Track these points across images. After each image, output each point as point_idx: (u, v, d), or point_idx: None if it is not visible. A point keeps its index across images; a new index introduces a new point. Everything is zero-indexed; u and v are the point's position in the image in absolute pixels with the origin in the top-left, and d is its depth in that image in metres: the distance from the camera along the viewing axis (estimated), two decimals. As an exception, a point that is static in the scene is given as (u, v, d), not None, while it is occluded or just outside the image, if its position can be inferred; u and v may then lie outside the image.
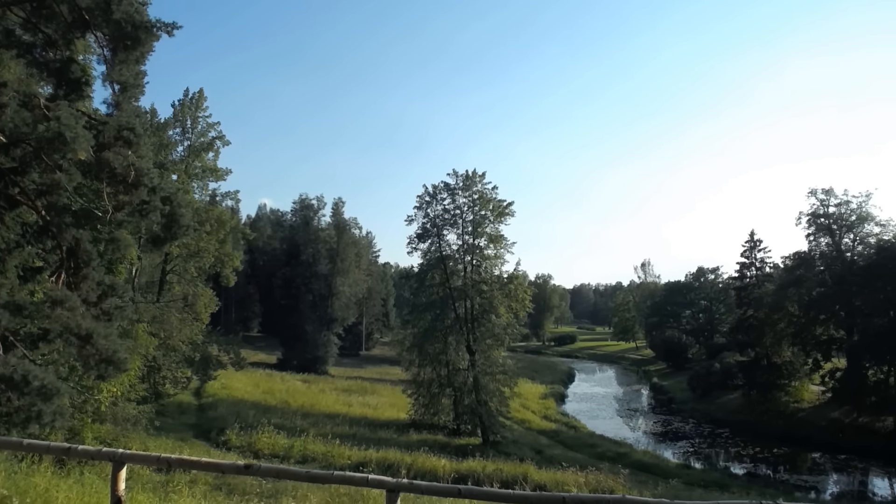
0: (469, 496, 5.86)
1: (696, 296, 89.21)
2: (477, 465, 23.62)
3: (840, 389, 44.82)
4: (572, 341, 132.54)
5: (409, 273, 44.01)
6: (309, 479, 5.53)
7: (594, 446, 35.51)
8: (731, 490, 25.21)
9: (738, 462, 37.95)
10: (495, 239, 37.66)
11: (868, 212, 47.63)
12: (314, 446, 25.07)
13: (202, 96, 34.54)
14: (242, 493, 10.27)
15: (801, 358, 49.20)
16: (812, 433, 41.89)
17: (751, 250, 56.77)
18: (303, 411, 34.64)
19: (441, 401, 36.23)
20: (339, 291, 64.83)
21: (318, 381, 49.76)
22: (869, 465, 35.34)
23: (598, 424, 46.56)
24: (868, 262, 45.22)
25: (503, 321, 36.89)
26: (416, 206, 38.84)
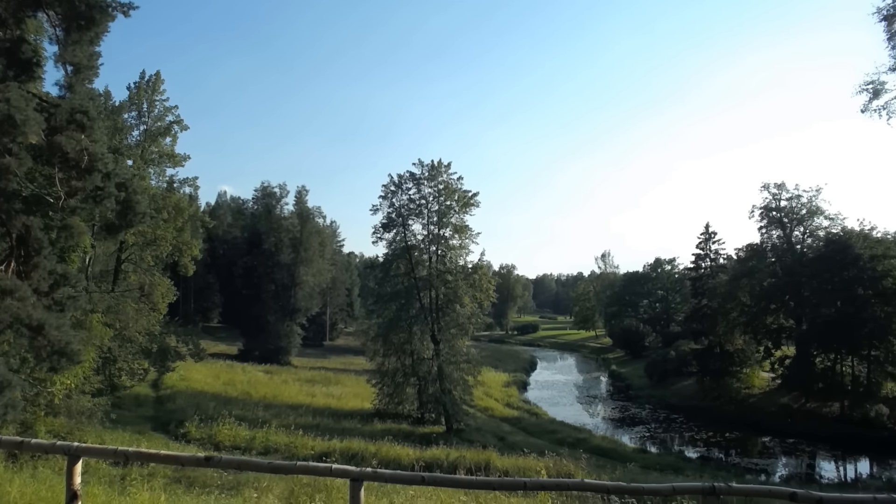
0: (433, 483, 5.96)
1: (654, 286, 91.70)
2: (441, 453, 23.83)
3: (789, 376, 46.94)
4: (535, 330, 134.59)
5: (375, 263, 43.81)
6: (271, 470, 5.52)
7: (555, 432, 36.26)
8: (686, 473, 26.18)
9: (692, 446, 39.38)
10: (460, 229, 37.81)
11: (818, 206, 49.69)
12: (277, 437, 24.84)
13: (159, 79, 33.42)
14: (203, 485, 10.13)
15: (753, 346, 51.27)
16: (762, 418, 43.74)
17: (706, 242, 58.56)
18: (265, 402, 34.24)
19: (405, 390, 36.36)
20: (302, 281, 64.02)
21: (281, 372, 49.21)
22: (816, 449, 37.11)
23: (558, 411, 47.54)
24: (817, 255, 47.24)
25: (467, 311, 37.18)
26: (381, 195, 38.68)
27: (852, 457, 35.73)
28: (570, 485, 4.79)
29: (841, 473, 33.74)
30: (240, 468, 7.52)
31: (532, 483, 4.59)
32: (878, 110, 14.01)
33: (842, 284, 44.11)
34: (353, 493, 4.62)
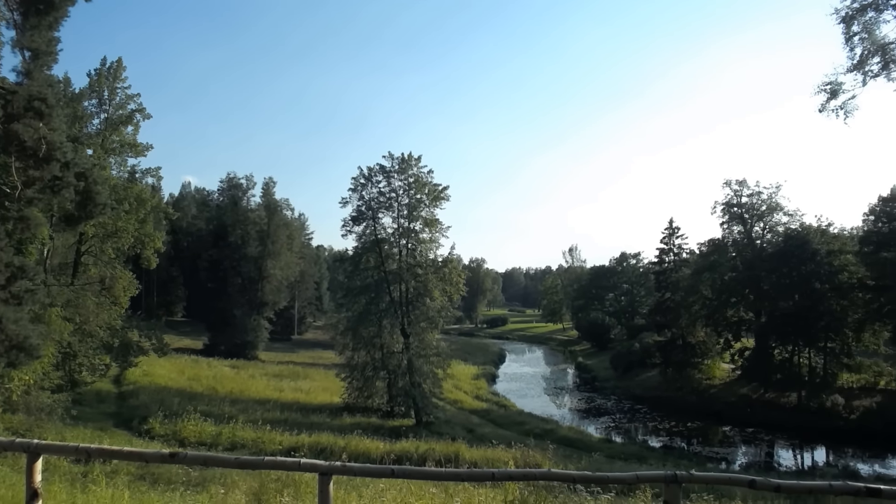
0: (402, 476, 6.00)
1: (619, 279, 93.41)
2: (410, 446, 23.90)
3: (749, 367, 48.54)
4: (504, 323, 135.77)
5: (344, 256, 43.43)
6: (238, 465, 5.48)
7: (523, 424, 36.73)
8: (649, 462, 26.86)
9: (656, 435, 40.40)
10: (430, 223, 37.79)
11: (777, 202, 51.35)
12: (243, 433, 24.54)
13: (121, 66, 32.37)
14: (168, 482, 9.97)
15: (714, 338, 52.85)
16: (723, 408, 45.12)
17: (669, 237, 59.91)
18: (231, 398, 33.75)
19: (375, 384, 36.29)
20: (269, 274, 63.09)
21: (248, 367, 48.51)
22: (775, 438, 38.49)
23: (526, 403, 48.15)
24: (776, 250, 48.84)
25: (437, 304, 37.23)
26: (351, 188, 38.35)
27: (809, 445, 37.14)
28: (538, 475, 4.89)
29: (798, 461, 35.06)
30: (206, 464, 7.42)
31: (500, 473, 4.69)
32: (836, 110, 14.43)
33: (799, 279, 45.71)
34: (322, 488, 4.63)
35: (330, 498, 4.63)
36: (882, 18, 13.42)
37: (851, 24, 13.69)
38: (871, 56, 13.65)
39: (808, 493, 10.20)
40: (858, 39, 13.71)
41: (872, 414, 38.64)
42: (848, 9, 13.67)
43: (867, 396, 41.21)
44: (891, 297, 40.75)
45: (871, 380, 43.90)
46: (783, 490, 4.63)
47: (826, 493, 4.82)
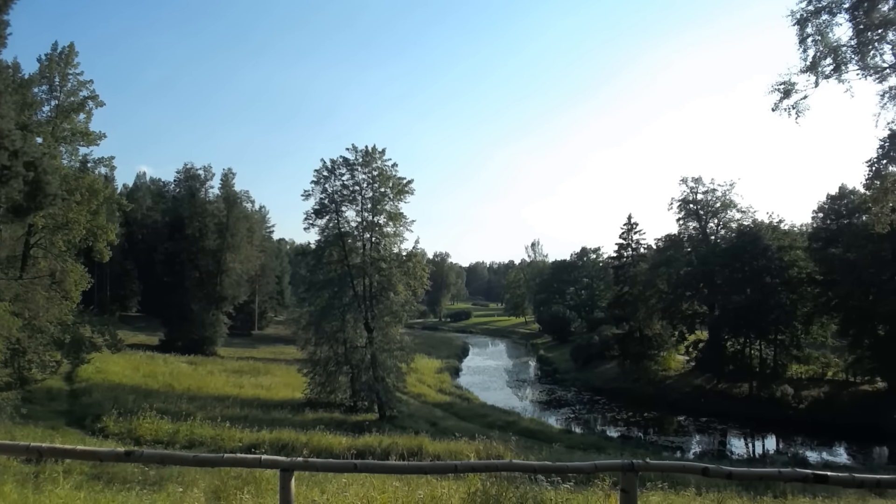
0: (365, 470, 6.00)
1: (580, 274, 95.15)
2: (374, 441, 23.86)
3: (702, 359, 50.22)
4: (467, 317, 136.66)
5: (306, 250, 42.93)
6: (197, 463, 5.37)
7: (485, 416, 37.11)
8: (607, 451, 27.53)
9: (614, 426, 41.43)
10: (395, 216, 37.60)
11: (731, 199, 53.17)
12: (202, 430, 24.01)
13: (73, 51, 30.93)
14: (123, 481, 9.69)
15: (669, 330, 54.48)
16: (678, 398, 46.57)
17: (628, 232, 61.27)
18: (189, 394, 32.98)
19: (338, 379, 36.01)
20: (228, 268, 61.67)
21: (206, 363, 47.44)
22: (727, 427, 39.94)
23: (489, 395, 48.67)
24: (729, 245, 50.59)
25: (401, 298, 37.13)
26: (313, 180, 37.75)
27: (760, 434, 38.68)
28: (499, 465, 4.97)
29: (750, 449, 36.48)
30: (163, 462, 7.26)
31: (463, 465, 4.75)
32: (788, 109, 14.85)
33: (751, 273, 47.46)
34: (284, 484, 4.60)
35: (291, 494, 4.60)
36: (835, 21, 13.93)
37: (806, 26, 14.11)
38: (823, 58, 14.12)
39: (758, 480, 10.67)
40: (812, 41, 14.17)
41: (820, 404, 40.48)
42: (803, 11, 14.09)
43: (815, 387, 43.16)
44: (838, 291, 42.70)
45: (818, 371, 46.01)
46: (735, 477, 4.84)
47: (776, 479, 5.07)
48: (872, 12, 13.07)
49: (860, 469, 27.38)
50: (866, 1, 13.08)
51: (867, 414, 36.93)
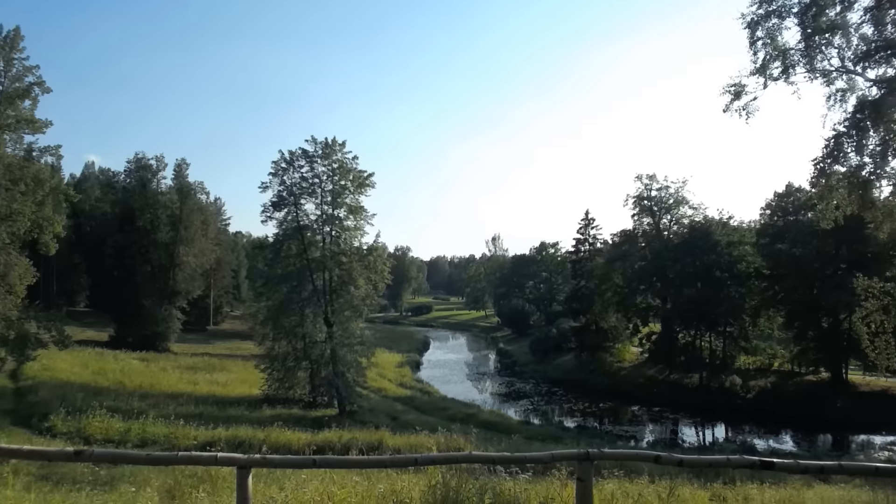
0: (324, 466, 5.96)
1: (539, 268, 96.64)
2: (333, 436, 23.67)
3: (655, 351, 51.85)
4: (428, 311, 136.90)
5: (264, 243, 41.99)
6: (150, 462, 5.22)
7: (446, 409, 37.31)
8: (564, 441, 28.10)
9: (571, 416, 42.34)
10: (355, 210, 37.20)
11: (683, 196, 54.86)
12: (155, 428, 23.33)
13: (18, 35, 29.44)
14: (73, 482, 9.33)
15: (624, 323, 56.05)
16: (632, 389, 47.92)
17: (585, 227, 62.54)
18: (141, 392, 31.98)
19: (297, 374, 35.55)
20: (182, 262, 59.84)
21: (159, 360, 46.05)
22: (679, 416, 41.32)
23: (450, 389, 48.97)
24: (681, 240, 52.27)
25: (362, 293, 36.84)
26: (271, 172, 36.94)
27: (710, 423, 40.16)
28: (459, 458, 5.02)
29: (700, 438, 37.86)
30: (114, 462, 7.04)
31: (423, 458, 4.77)
32: (739, 111, 15.34)
33: (702, 268, 49.17)
34: (241, 481, 4.53)
35: (249, 492, 4.54)
36: (784, 25, 14.45)
37: (756, 29, 14.59)
38: (772, 61, 14.63)
39: (708, 467, 11.06)
40: (762, 44, 14.67)
41: (767, 393, 42.31)
42: (754, 14, 14.55)
43: (762, 377, 45.10)
44: (784, 285, 44.70)
45: (765, 362, 48.11)
46: (686, 464, 5.02)
47: (725, 466, 5.28)
48: (820, 17, 13.64)
49: (805, 456, 28.82)
50: (814, 6, 13.64)
51: (811, 403, 38.84)
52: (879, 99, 13.07)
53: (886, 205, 14.60)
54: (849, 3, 13.49)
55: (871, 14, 13.04)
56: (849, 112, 13.67)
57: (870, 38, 13.30)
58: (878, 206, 14.46)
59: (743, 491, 9.26)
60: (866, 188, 13.74)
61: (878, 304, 15.72)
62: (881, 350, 15.81)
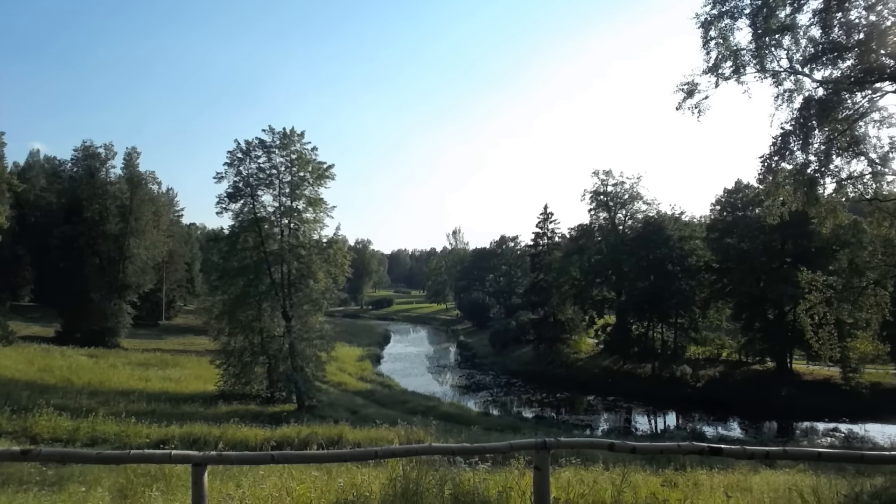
0: (283, 461, 5.91)
1: (499, 261, 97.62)
2: (292, 431, 23.37)
3: (610, 342, 53.21)
4: (389, 304, 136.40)
5: (219, 235, 40.91)
6: (101, 460, 5.04)
7: (406, 402, 37.39)
8: (523, 431, 28.53)
9: (529, 407, 43.04)
10: (314, 202, 36.65)
11: (638, 192, 56.29)
12: (105, 427, 22.53)
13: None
14: (19, 482, 8.92)
15: (581, 315, 57.34)
16: (588, 379, 49.04)
17: (544, 222, 63.45)
18: (90, 389, 30.81)
19: (254, 369, 34.91)
20: (132, 254, 57.74)
21: (109, 356, 44.43)
22: (632, 405, 42.54)
23: (410, 382, 49.04)
24: (636, 235, 53.67)
25: (321, 286, 36.38)
26: (227, 162, 36.01)
27: (662, 411, 41.51)
28: (419, 450, 5.05)
29: (652, 425, 39.09)
30: (63, 461, 6.79)
31: (383, 451, 4.77)
32: (691, 109, 15.73)
33: (655, 261, 50.64)
34: (196, 479, 4.44)
35: (205, 489, 4.45)
36: (736, 26, 14.88)
37: (709, 29, 14.98)
38: (724, 60, 15.05)
39: (660, 454, 11.43)
40: (714, 44, 15.08)
41: (716, 382, 43.97)
42: (707, 14, 14.93)
43: (711, 367, 46.81)
44: (732, 278, 46.49)
45: (714, 352, 49.97)
46: (638, 451, 5.18)
47: (675, 452, 5.48)
48: (771, 19, 14.11)
49: (752, 442, 30.15)
50: (765, 7, 14.10)
51: (758, 391, 40.59)
52: (825, 99, 13.62)
53: (830, 202, 15.22)
54: (798, 5, 13.95)
55: (820, 17, 13.50)
56: (796, 111, 14.20)
57: (817, 41, 13.80)
58: (821, 202, 15.06)
59: (693, 476, 9.63)
60: (811, 185, 14.32)
61: (821, 296, 16.42)
62: (824, 341, 16.53)
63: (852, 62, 13.35)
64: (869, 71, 12.95)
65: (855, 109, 13.85)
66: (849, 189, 15.10)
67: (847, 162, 14.74)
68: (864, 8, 12.99)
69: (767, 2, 14.09)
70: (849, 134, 14.02)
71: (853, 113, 13.86)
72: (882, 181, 15.05)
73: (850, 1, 13.01)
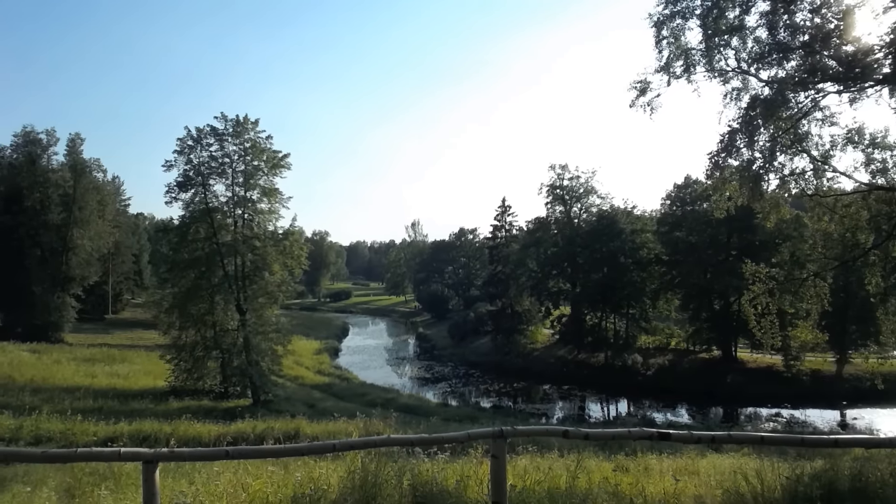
0: (238, 457, 5.79)
1: (458, 253, 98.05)
2: (247, 427, 22.97)
3: (565, 332, 54.41)
4: (347, 297, 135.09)
5: (168, 226, 39.56)
6: (46, 459, 4.85)
7: (365, 395, 37.26)
8: (480, 421, 28.88)
9: (487, 397, 43.60)
10: (269, 192, 35.83)
11: (593, 186, 57.47)
12: (50, 425, 21.66)
13: None
14: (-42, 484, 8.53)
15: (537, 306, 58.37)
16: (544, 369, 50.01)
17: (502, 215, 64.05)
18: (33, 386, 29.55)
19: (206, 364, 34.05)
20: (76, 245, 55.26)
21: (52, 351, 42.58)
22: (586, 393, 43.65)
23: (369, 374, 48.86)
24: (590, 228, 54.88)
25: (277, 278, 35.70)
26: (176, 150, 34.77)
27: (614, 398, 42.75)
28: (378, 441, 5.05)
29: (605, 413, 40.21)
30: (6, 460, 6.50)
31: (341, 444, 4.76)
32: (644, 106, 16.04)
33: (608, 254, 51.94)
34: (147, 477, 4.33)
35: (156, 487, 4.35)
36: (688, 26, 15.25)
37: (662, 28, 15.29)
38: (675, 59, 15.41)
39: (612, 440, 11.78)
40: (666, 43, 15.40)
41: (665, 370, 45.54)
42: (660, 14, 15.23)
43: (661, 355, 48.44)
44: (681, 270, 48.16)
45: (663, 341, 51.69)
46: (591, 438, 5.34)
47: (626, 438, 5.66)
48: (720, 19, 14.54)
49: (699, 427, 31.34)
50: (715, 8, 14.51)
51: (705, 379, 42.26)
52: (770, 98, 14.12)
53: (773, 197, 15.84)
54: (747, 7, 14.39)
55: (767, 18, 13.96)
56: (742, 110, 14.66)
57: (764, 41, 14.29)
58: (766, 198, 15.67)
59: (643, 461, 9.98)
60: (756, 181, 14.87)
61: (764, 287, 17.11)
62: (766, 330, 17.24)
63: (797, 63, 13.88)
64: (813, 72, 13.49)
65: (799, 109, 14.39)
66: (791, 185, 15.72)
67: (790, 159, 15.33)
68: (809, 10, 13.50)
69: (718, 3, 14.49)
70: (792, 132, 14.59)
71: (797, 112, 14.41)
72: (823, 178, 15.74)
73: (796, 3, 13.50)
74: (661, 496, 5.56)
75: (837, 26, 13.00)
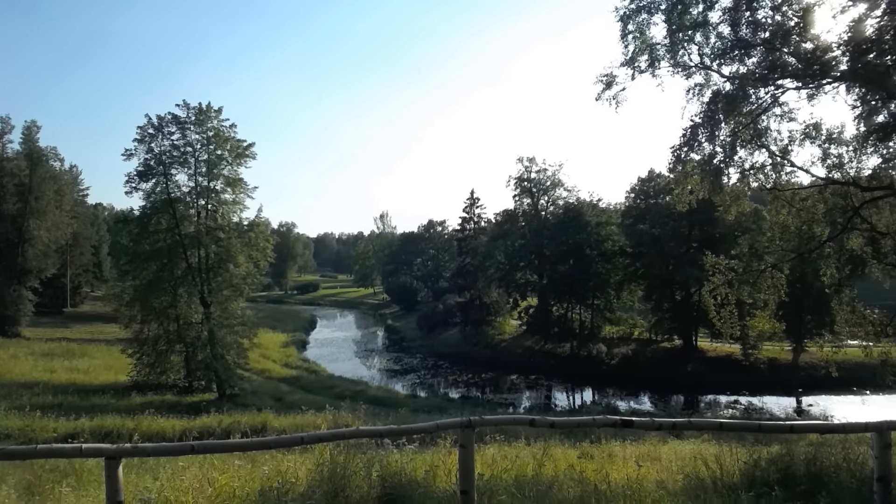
0: (204, 451, 5.73)
1: (427, 245, 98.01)
2: (213, 421, 22.67)
3: (532, 323, 55.13)
4: (315, 289, 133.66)
5: (129, 216, 38.44)
6: (5, 457, 4.72)
7: (333, 387, 37.08)
8: (449, 412, 29.08)
9: (455, 388, 43.88)
10: (234, 182, 35.16)
11: (560, 179, 58.11)
12: (7, 421, 21.01)
13: None
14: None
15: (505, 298, 58.95)
16: (512, 359, 50.55)
17: (471, 207, 64.21)
18: (-12, 382, 28.53)
19: (170, 358, 33.39)
20: (33, 236, 53.22)
21: (9, 346, 41.25)
22: (552, 382, 44.30)
23: (337, 367, 48.58)
24: (557, 220, 55.55)
25: (242, 271, 35.10)
26: (136, 139, 33.83)
27: (579, 387, 43.49)
28: (346, 433, 5.07)
29: (571, 401, 40.90)
30: (-42, 461, 6.27)
31: (309, 437, 4.77)
32: (609, 100, 16.27)
33: (574, 246, 52.69)
34: (110, 473, 4.27)
35: (119, 483, 4.30)
36: (653, 21, 15.48)
37: (628, 23, 15.49)
38: (640, 54, 15.64)
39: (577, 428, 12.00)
40: (632, 38, 15.62)
41: (628, 359, 46.54)
42: (626, 9, 15.42)
43: (624, 345, 49.48)
44: (644, 262, 49.24)
45: (627, 331, 52.79)
46: (557, 426, 5.47)
47: (591, 426, 5.82)
48: (684, 15, 14.82)
49: (660, 414, 32.14)
50: (680, 4, 14.77)
51: (666, 367, 43.37)
52: (732, 94, 14.49)
53: (734, 190, 16.32)
54: (710, 3, 14.69)
55: (729, 14, 14.28)
56: (704, 105, 15.00)
57: (726, 37, 14.62)
58: (726, 191, 16.13)
59: (608, 448, 10.25)
60: (717, 175, 15.27)
61: (724, 278, 17.60)
62: (725, 320, 17.77)
63: (758, 59, 14.26)
64: (773, 68, 13.87)
65: (759, 104, 14.81)
66: (751, 179, 16.19)
67: (750, 153, 15.79)
68: (770, 8, 13.87)
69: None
70: (752, 127, 15.01)
71: (757, 108, 14.82)
72: (781, 172, 16.28)
73: (758, 1, 13.87)
74: (624, 482, 5.73)
75: (798, 24, 13.38)
